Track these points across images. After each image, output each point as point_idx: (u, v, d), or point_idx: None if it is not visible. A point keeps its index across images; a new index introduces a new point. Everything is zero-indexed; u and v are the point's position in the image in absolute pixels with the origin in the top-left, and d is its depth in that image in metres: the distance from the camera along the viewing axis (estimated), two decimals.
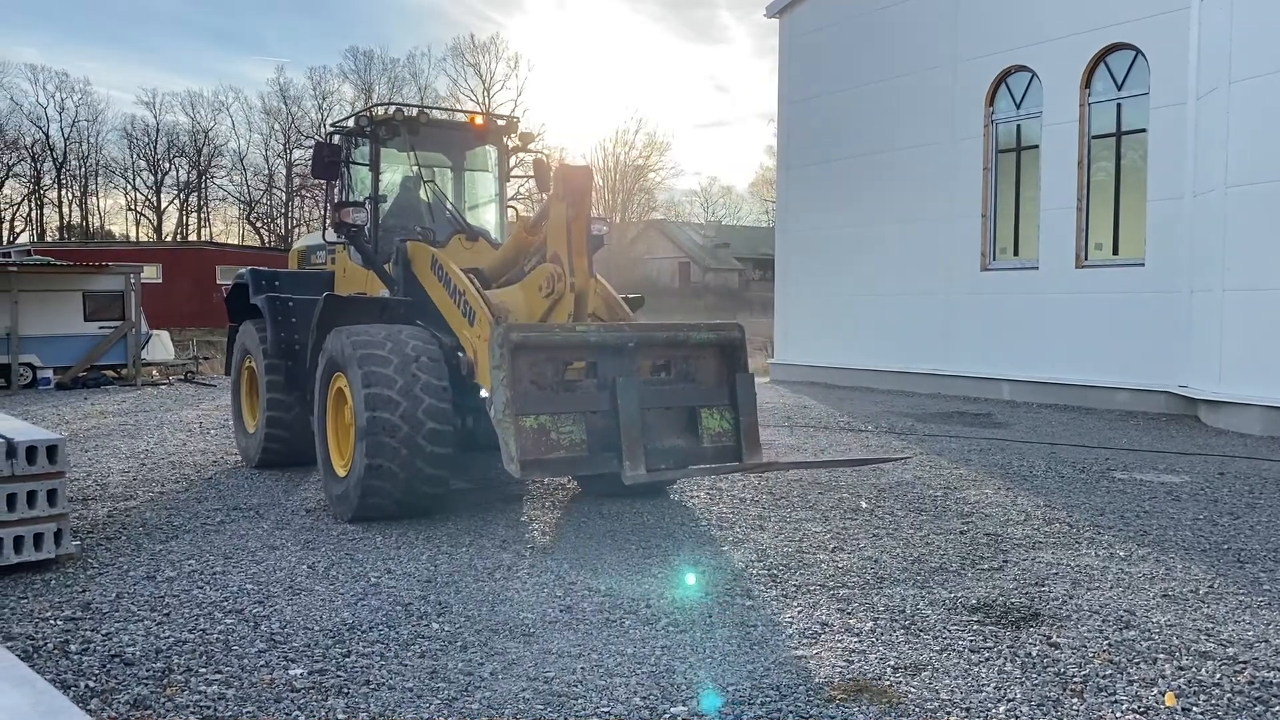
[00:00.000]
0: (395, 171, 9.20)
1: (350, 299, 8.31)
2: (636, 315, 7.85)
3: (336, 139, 9.24)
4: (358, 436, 6.96)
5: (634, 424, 6.21)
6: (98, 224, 68.72)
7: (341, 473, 7.38)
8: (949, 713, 3.88)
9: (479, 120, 9.24)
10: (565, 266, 6.81)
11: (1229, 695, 4.06)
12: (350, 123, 9.24)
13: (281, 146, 69.17)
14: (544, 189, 9.36)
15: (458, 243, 8.49)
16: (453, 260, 7.80)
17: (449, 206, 8.99)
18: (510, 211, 9.71)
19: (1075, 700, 3.99)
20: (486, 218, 9.52)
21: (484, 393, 6.90)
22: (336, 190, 9.24)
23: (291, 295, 9.17)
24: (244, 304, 9.61)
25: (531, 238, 7.77)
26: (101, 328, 19.59)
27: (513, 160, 9.61)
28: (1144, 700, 4.00)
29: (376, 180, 8.80)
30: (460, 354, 7.23)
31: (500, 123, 9.32)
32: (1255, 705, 3.97)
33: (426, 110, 8.99)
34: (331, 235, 9.09)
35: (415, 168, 8.92)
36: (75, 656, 4.56)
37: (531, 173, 9.66)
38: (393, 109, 8.77)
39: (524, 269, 7.96)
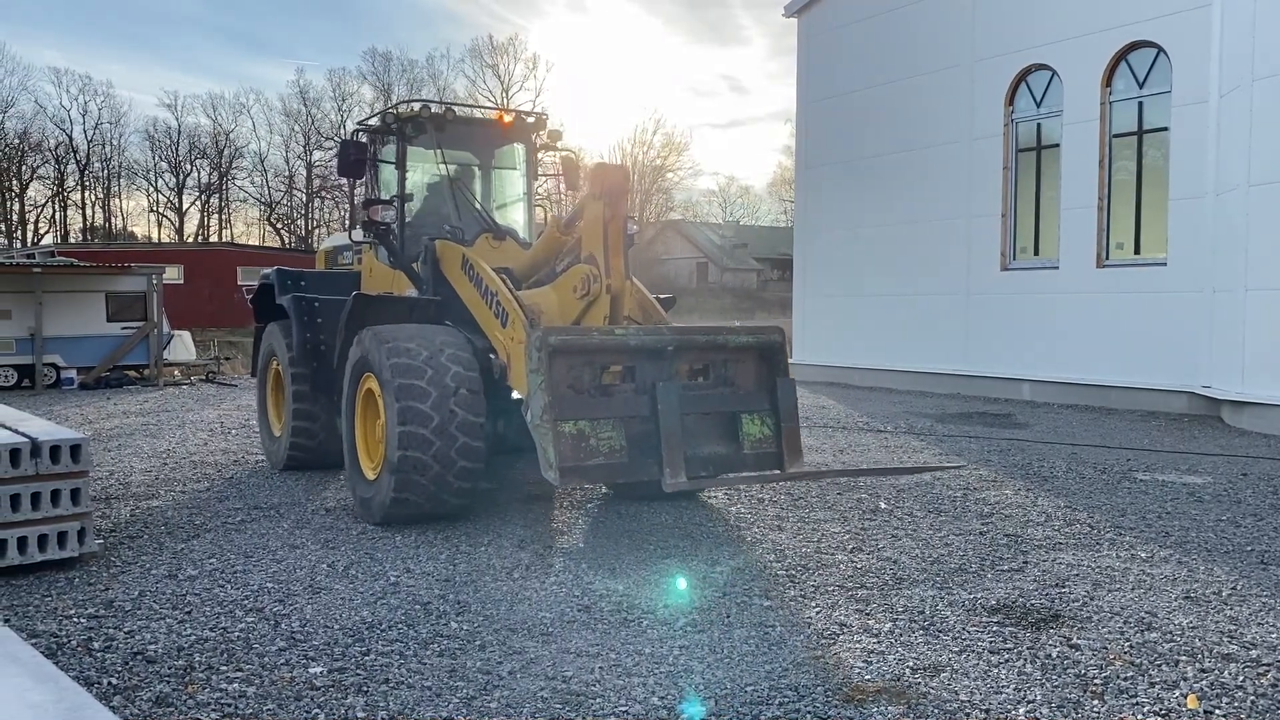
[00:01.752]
0: (422, 170, 9.06)
1: (380, 298, 8.18)
2: (669, 316, 7.65)
3: (362, 137, 9.13)
4: (388, 438, 6.84)
5: (674, 430, 6.05)
6: (120, 225, 69.40)
7: (370, 475, 7.27)
8: (968, 714, 3.86)
9: (507, 117, 9.05)
10: (601, 267, 6.65)
11: (1252, 698, 4.03)
12: (376, 120, 9.13)
13: (301, 148, 69.70)
14: (572, 187, 9.34)
15: (485, 242, 8.34)
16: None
17: (477, 205, 8.81)
18: (538, 211, 9.49)
19: (1096, 702, 3.97)
20: (514, 217, 9.34)
21: (515, 395, 6.85)
22: (363, 189, 9.13)
23: (318, 295, 9.04)
24: (270, 304, 9.50)
25: (564, 237, 7.62)
26: (124, 328, 19.75)
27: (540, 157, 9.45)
28: (1165, 703, 3.97)
29: (403, 178, 8.70)
30: (492, 356, 7.11)
31: (529, 120, 9.08)
32: (1278, 708, 3.94)
33: (453, 107, 8.84)
34: (358, 235, 8.99)
35: (442, 165, 8.75)
36: (98, 654, 4.60)
37: (559, 171, 9.48)
38: (419, 106, 8.62)
39: (555, 269, 7.83)
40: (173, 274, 39.30)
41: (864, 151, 19.05)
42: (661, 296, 8.02)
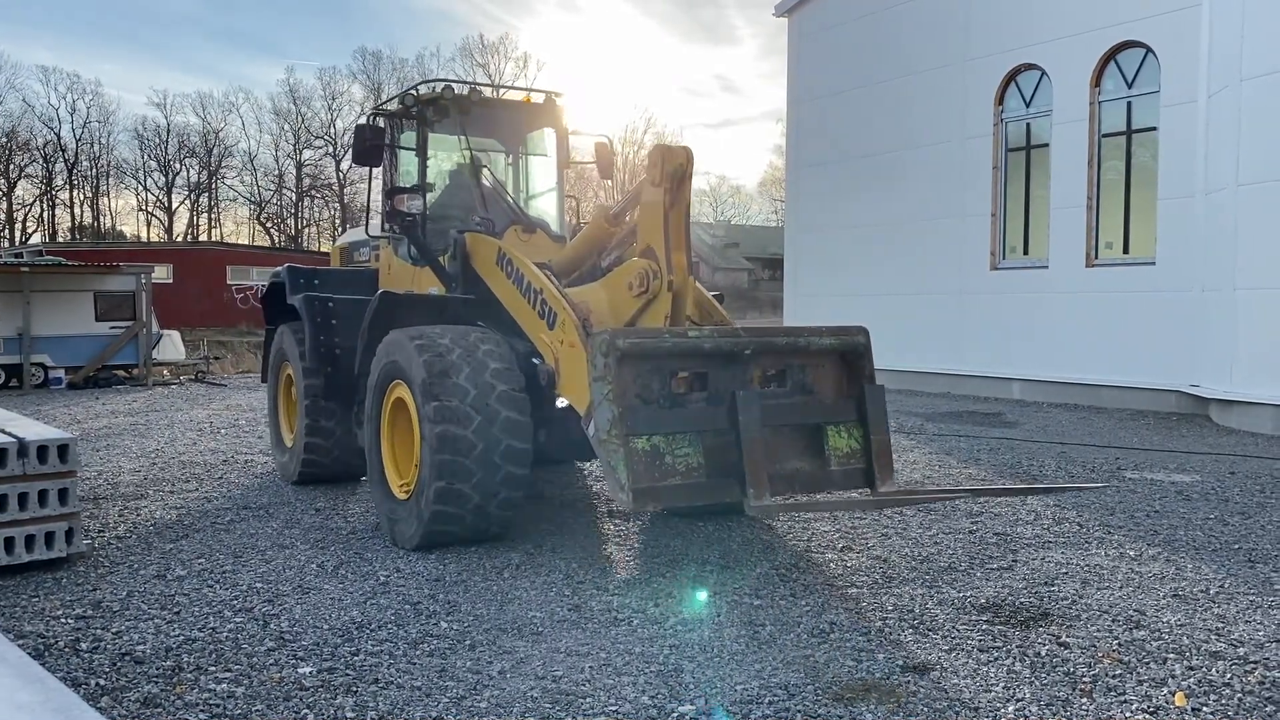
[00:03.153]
0: (444, 157, 8.32)
1: (410, 297, 7.45)
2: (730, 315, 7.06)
3: (380, 121, 8.37)
4: (425, 455, 6.15)
5: (757, 444, 5.36)
6: (109, 224, 69.22)
7: (401, 494, 6.57)
8: (957, 712, 3.87)
9: (537, 100, 8.36)
10: (661, 262, 6.00)
11: (1240, 695, 4.05)
12: (395, 104, 8.37)
13: (291, 147, 69.57)
14: (605, 175, 8.74)
15: (514, 235, 7.64)
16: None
17: (506, 195, 8.13)
18: (569, 202, 8.80)
19: (1085, 700, 3.98)
20: (544, 208, 8.63)
21: (561, 401, 6.23)
22: (382, 178, 8.40)
23: (333, 295, 8.34)
24: (281, 305, 8.78)
25: (613, 229, 6.95)
26: (113, 328, 19.67)
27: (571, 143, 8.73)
28: (1154, 700, 3.99)
29: (424, 166, 7.89)
30: (536, 361, 6.39)
31: (560, 103, 8.36)
32: (1266, 705, 3.95)
33: (479, 88, 8.10)
34: (375, 230, 8.40)
35: (467, 152, 8.05)
36: (86, 655, 4.58)
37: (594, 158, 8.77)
38: (440, 86, 7.84)
39: (601, 264, 7.12)
40: (162, 273, 39.14)
41: (855, 151, 19.08)
42: (712, 294, 7.29)
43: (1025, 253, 16.54)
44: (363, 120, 8.17)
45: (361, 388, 7.42)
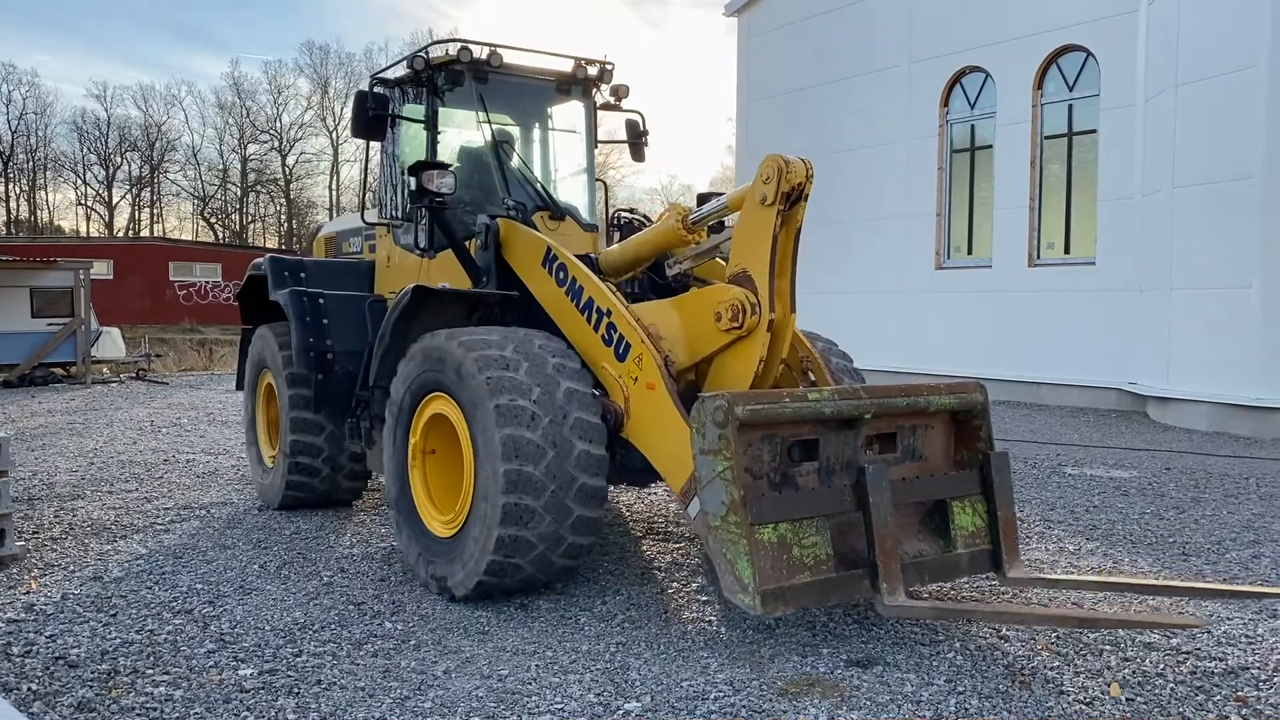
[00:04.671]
0: (458, 131, 7.31)
1: (452, 292, 6.23)
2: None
3: (383, 88, 7.33)
4: (482, 490, 5.07)
5: (890, 530, 4.58)
6: (47, 219, 67.44)
7: (444, 532, 5.44)
8: (900, 706, 3.92)
9: (566, 67, 7.29)
10: (763, 294, 5.00)
11: (1172, 685, 4.14)
12: (402, 68, 7.18)
13: (236, 141, 68.37)
14: (638, 158, 7.83)
15: (540, 222, 6.77)
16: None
17: (537, 183, 7.14)
18: (599, 186, 7.77)
19: (1024, 692, 4.05)
20: (573, 192, 7.53)
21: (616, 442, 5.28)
22: (382, 155, 7.49)
23: (324, 290, 7.26)
24: (261, 301, 7.72)
25: (689, 237, 5.88)
26: (50, 324, 19.22)
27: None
28: (1090, 691, 4.07)
29: (434, 141, 6.94)
30: (596, 394, 5.27)
31: (591, 71, 7.32)
32: (1197, 695, 4.05)
33: (499, 50, 6.92)
34: (372, 216, 7.55)
35: (485, 124, 7.01)
36: (18, 659, 4.47)
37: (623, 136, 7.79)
38: (456, 48, 6.79)
39: (669, 272, 6.20)
40: (101, 269, 38.37)
41: (803, 150, 18.88)
42: None
43: (969, 253, 16.79)
44: (363, 86, 7.14)
45: (379, 400, 6.40)
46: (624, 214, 7.48)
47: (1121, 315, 14.15)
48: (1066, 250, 15.46)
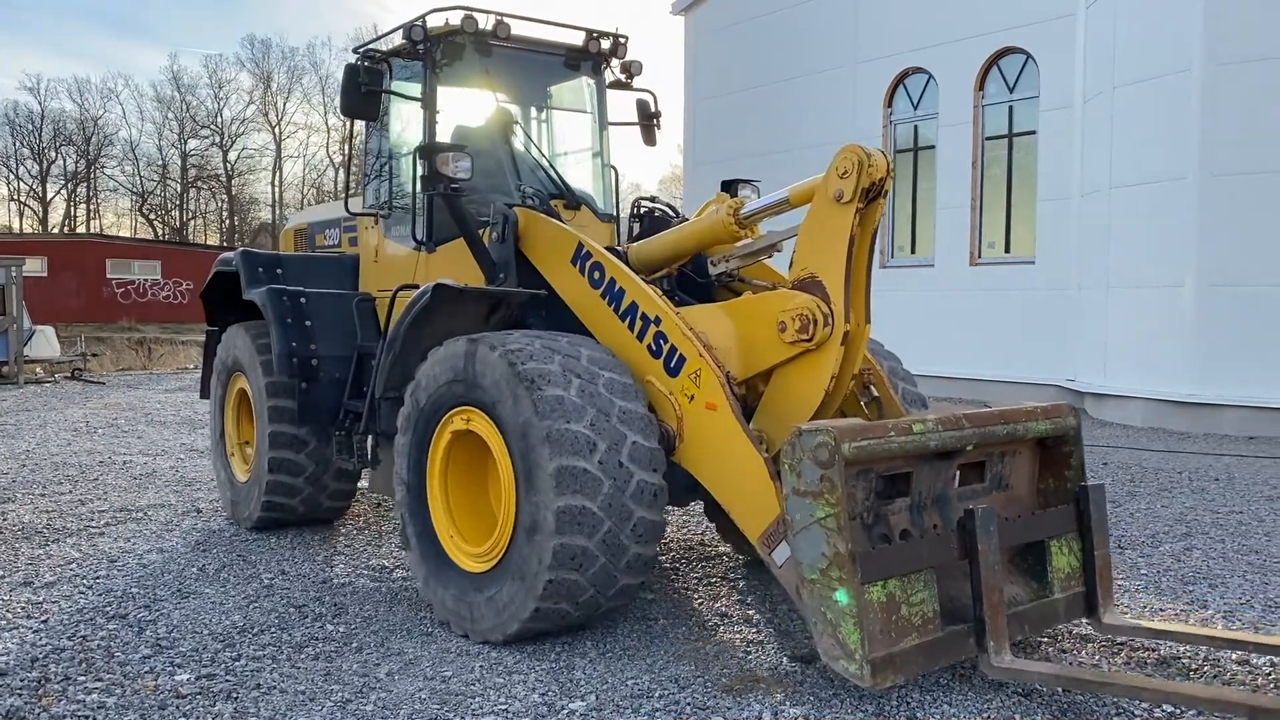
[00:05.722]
0: (457, 109, 6.56)
1: (477, 291, 5.40)
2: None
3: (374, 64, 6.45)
4: (529, 524, 4.41)
5: (998, 580, 4.06)
6: None
7: (476, 566, 4.76)
8: (843, 700, 3.95)
9: (577, 40, 6.64)
10: (837, 303, 4.41)
11: None
12: (399, 38, 6.39)
13: (176, 136, 67.07)
14: (649, 141, 7.16)
15: (556, 211, 6.16)
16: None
17: (552, 169, 6.49)
18: (610, 173, 7.03)
19: (964, 685, 4.10)
20: (585, 178, 6.90)
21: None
22: (367, 135, 6.94)
23: (305, 288, 6.57)
24: (230, 300, 7.05)
25: (740, 232, 5.36)
26: None
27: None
28: (1029, 685, 4.13)
29: (433, 120, 6.19)
30: (652, 416, 4.65)
31: (604, 44, 6.69)
32: None
33: (505, 20, 6.29)
34: (356, 205, 6.83)
35: (493, 102, 6.46)
36: None
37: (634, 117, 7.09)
38: (461, 17, 6.15)
39: (711, 269, 5.50)
40: (35, 266, 37.46)
41: (750, 149, 19.30)
42: None
43: (913, 252, 17.01)
44: (352, 60, 6.39)
45: (386, 414, 5.70)
46: (645, 203, 6.70)
47: (1060, 313, 14.43)
48: (1007, 250, 15.73)
